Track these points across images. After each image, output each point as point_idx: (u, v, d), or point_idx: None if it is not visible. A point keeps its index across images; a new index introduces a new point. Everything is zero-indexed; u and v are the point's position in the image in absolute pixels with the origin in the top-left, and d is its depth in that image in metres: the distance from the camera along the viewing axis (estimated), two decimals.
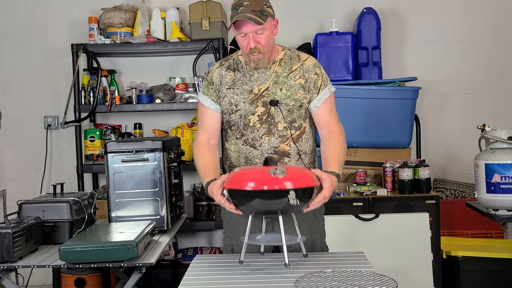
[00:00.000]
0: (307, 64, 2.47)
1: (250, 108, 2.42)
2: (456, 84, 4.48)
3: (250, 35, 2.33)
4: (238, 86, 2.45)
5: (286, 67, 2.46)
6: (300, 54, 2.52)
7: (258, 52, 2.36)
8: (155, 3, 4.42)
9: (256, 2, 2.33)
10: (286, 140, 2.43)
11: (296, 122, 2.44)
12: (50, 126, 4.48)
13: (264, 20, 2.32)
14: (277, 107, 2.40)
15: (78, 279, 3.87)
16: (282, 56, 2.48)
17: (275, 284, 2.01)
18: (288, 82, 2.43)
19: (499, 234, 4.10)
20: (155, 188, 3.03)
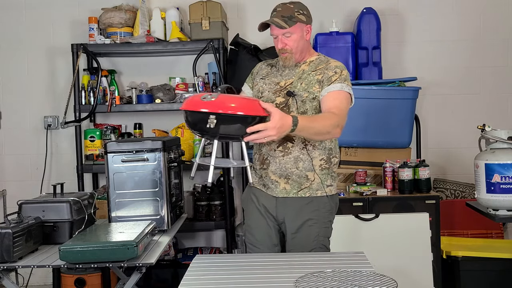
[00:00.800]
0: (331, 64, 2.65)
1: (272, 97, 2.65)
2: (456, 84, 4.48)
3: (279, 37, 2.62)
4: (269, 78, 2.72)
5: (313, 66, 2.67)
6: (331, 59, 2.70)
7: (286, 52, 2.62)
8: (155, 3, 4.42)
9: (288, 8, 2.61)
10: None
11: (308, 113, 2.60)
12: (50, 126, 4.48)
13: (290, 25, 2.58)
14: (293, 98, 2.60)
15: (78, 279, 3.88)
16: (314, 59, 2.70)
17: (275, 284, 2.01)
18: (309, 78, 2.63)
19: (499, 234, 4.10)
20: (155, 188, 3.03)
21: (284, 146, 2.60)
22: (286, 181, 2.63)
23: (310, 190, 2.64)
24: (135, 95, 4.26)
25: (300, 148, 2.60)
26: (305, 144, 2.60)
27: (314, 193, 2.64)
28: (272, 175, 2.65)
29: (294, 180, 2.62)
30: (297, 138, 2.58)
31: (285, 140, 2.59)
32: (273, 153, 2.62)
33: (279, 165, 2.62)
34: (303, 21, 2.62)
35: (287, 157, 2.60)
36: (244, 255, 2.60)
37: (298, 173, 2.61)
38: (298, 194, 2.63)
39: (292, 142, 2.60)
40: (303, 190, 2.63)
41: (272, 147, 2.62)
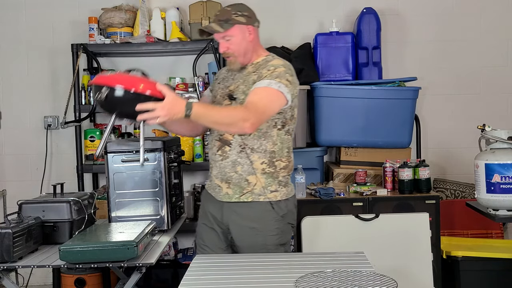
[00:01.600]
0: (270, 62, 2.59)
1: (220, 100, 2.68)
2: (456, 84, 4.48)
3: (220, 42, 2.61)
4: (223, 83, 2.73)
5: (256, 68, 2.61)
6: (276, 58, 2.63)
7: (229, 56, 2.62)
8: (155, 3, 4.42)
9: (225, 12, 2.60)
10: None
11: None
12: (50, 126, 4.48)
13: (226, 28, 2.56)
14: (235, 102, 2.60)
15: (78, 279, 3.87)
16: (260, 60, 2.64)
17: (275, 284, 2.01)
18: (249, 79, 2.59)
19: (499, 234, 4.10)
20: (155, 188, 3.03)
21: (222, 150, 2.60)
22: (228, 186, 2.61)
23: (253, 195, 2.58)
24: None
25: (237, 152, 2.57)
26: (243, 148, 2.57)
27: (257, 198, 2.58)
28: (215, 179, 2.66)
29: (235, 184, 2.59)
30: (234, 141, 2.57)
31: (222, 143, 2.60)
32: (214, 157, 2.64)
33: (219, 169, 2.62)
34: (242, 22, 2.58)
35: (225, 161, 2.59)
36: (244, 255, 2.60)
37: (237, 177, 2.58)
38: (240, 199, 2.59)
39: (229, 145, 2.58)
40: (245, 194, 2.59)
41: (213, 151, 2.64)
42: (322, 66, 4.16)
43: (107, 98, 2.24)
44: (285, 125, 2.61)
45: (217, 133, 2.62)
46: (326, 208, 3.67)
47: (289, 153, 2.66)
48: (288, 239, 2.71)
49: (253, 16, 2.64)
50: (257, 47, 2.66)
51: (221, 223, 2.67)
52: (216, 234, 2.70)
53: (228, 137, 2.58)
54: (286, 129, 2.62)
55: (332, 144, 4.12)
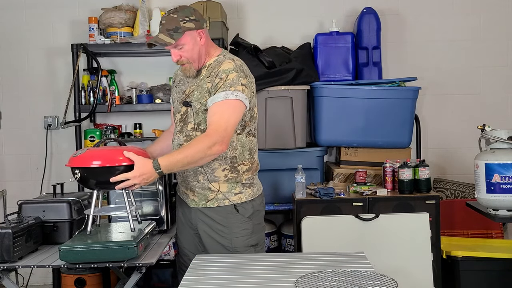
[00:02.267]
0: (220, 69, 2.52)
1: (178, 107, 2.65)
2: (456, 84, 4.48)
3: (172, 51, 2.54)
4: (179, 86, 2.69)
5: (209, 71, 2.56)
6: (226, 60, 2.56)
7: (183, 63, 2.56)
8: (155, 3, 4.42)
9: (172, 20, 2.50)
10: (190, 139, 2.57)
11: (202, 125, 2.54)
12: (50, 126, 4.48)
13: (177, 37, 2.48)
14: (190, 108, 2.57)
15: (78, 279, 3.87)
16: (212, 62, 2.59)
17: (275, 284, 2.01)
18: (203, 85, 2.55)
19: (499, 234, 4.10)
20: (154, 187, 3.03)
21: None
22: (193, 193, 2.64)
23: (217, 201, 2.60)
24: (135, 95, 4.27)
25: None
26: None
27: (222, 202, 2.60)
28: (181, 186, 2.70)
29: (199, 193, 2.62)
30: None
31: None
32: None
33: (182, 178, 2.66)
34: (191, 28, 2.51)
35: (187, 172, 2.60)
36: (244, 255, 2.60)
37: (200, 185, 2.60)
38: (206, 205, 2.62)
39: None
40: (211, 201, 2.60)
41: None
42: (322, 66, 4.16)
43: (82, 178, 2.44)
44: (245, 128, 2.59)
45: (177, 142, 2.61)
46: (326, 208, 3.66)
47: (252, 154, 2.64)
48: (260, 239, 2.69)
49: (200, 19, 2.56)
50: (208, 48, 2.61)
51: (193, 226, 2.71)
52: (193, 237, 2.73)
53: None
54: (247, 131, 2.60)
55: (332, 144, 4.12)
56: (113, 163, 2.45)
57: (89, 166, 2.43)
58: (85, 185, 2.52)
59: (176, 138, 2.63)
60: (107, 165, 2.43)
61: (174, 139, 2.65)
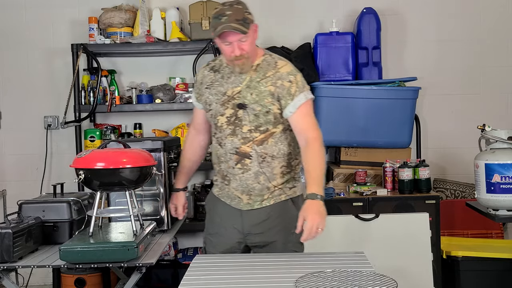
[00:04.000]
0: (281, 71, 2.48)
1: (220, 109, 2.52)
2: (456, 84, 4.48)
3: (235, 44, 2.39)
4: (214, 87, 2.56)
5: (261, 72, 2.49)
6: (278, 61, 2.52)
7: (242, 58, 2.42)
8: (155, 3, 4.42)
9: (238, 10, 2.38)
10: (248, 142, 2.48)
11: (262, 127, 2.49)
12: (50, 126, 4.48)
13: (248, 28, 2.38)
14: (245, 111, 2.48)
15: (78, 279, 3.87)
16: (260, 62, 2.52)
17: (275, 284, 2.01)
18: (259, 87, 2.47)
19: (499, 234, 4.10)
20: (155, 188, 3.03)
21: (242, 163, 2.49)
22: (249, 197, 2.54)
23: (274, 198, 2.55)
24: (135, 95, 4.27)
25: (258, 163, 2.49)
26: (264, 157, 2.49)
27: (278, 198, 2.55)
28: (234, 191, 2.56)
29: (256, 195, 2.54)
30: (254, 153, 2.48)
31: (241, 157, 2.49)
32: (232, 170, 2.52)
33: (240, 182, 2.52)
34: (252, 21, 2.42)
35: (247, 174, 2.50)
36: (244, 255, 2.60)
37: (260, 187, 2.52)
38: (262, 204, 2.55)
39: (249, 158, 2.48)
40: (267, 199, 2.55)
41: (230, 165, 2.51)
42: (322, 66, 4.16)
43: (86, 179, 2.47)
44: None
45: (231, 145, 2.50)
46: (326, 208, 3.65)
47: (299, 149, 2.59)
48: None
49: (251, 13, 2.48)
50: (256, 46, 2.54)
51: (240, 231, 2.59)
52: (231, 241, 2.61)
53: (247, 149, 2.47)
54: None
55: (332, 144, 4.12)
56: (117, 165, 2.47)
57: (93, 168, 2.46)
58: (89, 186, 2.54)
59: (229, 142, 2.50)
60: (111, 167, 2.46)
61: (226, 143, 2.50)
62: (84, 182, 2.50)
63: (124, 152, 2.57)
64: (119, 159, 2.49)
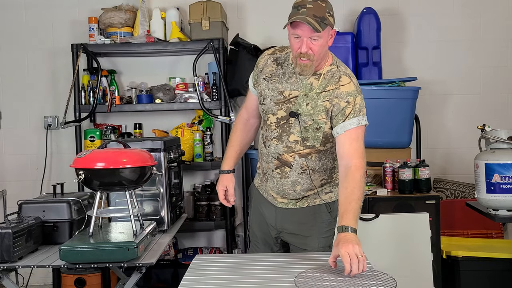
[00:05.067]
0: (341, 90, 2.34)
1: (274, 107, 2.41)
2: (456, 84, 4.48)
3: (304, 39, 2.24)
4: (273, 82, 2.43)
5: (323, 84, 2.36)
6: (343, 77, 2.37)
7: (307, 59, 2.27)
8: (155, 3, 4.42)
9: (320, 7, 2.23)
10: (291, 152, 2.41)
11: (309, 142, 2.39)
12: (50, 126, 4.48)
13: (323, 28, 2.22)
14: (296, 120, 2.36)
15: (78, 279, 3.87)
16: (325, 71, 2.37)
17: (275, 284, 2.01)
18: (317, 100, 2.35)
19: (499, 234, 4.10)
20: (155, 188, 3.03)
21: (281, 169, 2.44)
22: (283, 199, 2.54)
23: (308, 200, 2.53)
24: (135, 95, 4.27)
25: (298, 173, 2.43)
26: (304, 169, 2.43)
27: (313, 202, 2.53)
28: (270, 190, 2.55)
29: (291, 199, 2.53)
30: (295, 163, 2.41)
31: (282, 163, 2.44)
32: (271, 172, 2.48)
33: (276, 184, 2.49)
34: (331, 24, 2.27)
35: (284, 180, 2.46)
36: (244, 255, 2.60)
37: (295, 194, 2.49)
38: (296, 205, 2.54)
39: (290, 167, 2.42)
40: (301, 201, 2.53)
41: (270, 167, 2.47)
42: None
43: (86, 179, 2.50)
44: None
45: (275, 150, 2.42)
46: None
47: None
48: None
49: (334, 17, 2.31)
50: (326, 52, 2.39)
51: (274, 227, 2.59)
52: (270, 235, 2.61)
53: (289, 159, 2.41)
54: None
55: None
56: (117, 165, 2.48)
57: (93, 168, 2.47)
58: (89, 186, 2.55)
59: (273, 145, 2.43)
60: (111, 167, 2.47)
61: (271, 146, 2.43)
62: (84, 182, 2.50)
63: (124, 152, 2.57)
64: (119, 159, 2.49)
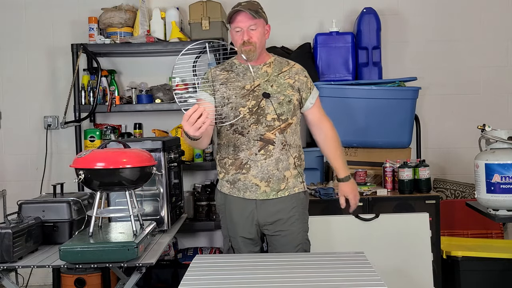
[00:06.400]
0: (296, 67, 2.79)
1: (241, 101, 2.67)
2: (456, 84, 4.48)
3: (244, 30, 2.64)
4: (231, 83, 2.72)
5: (276, 68, 2.75)
6: (289, 60, 2.83)
7: (250, 45, 2.65)
8: (155, 3, 4.42)
9: (253, 4, 2.69)
10: (272, 129, 2.67)
11: (284, 115, 2.68)
12: (50, 126, 4.48)
13: (258, 17, 2.64)
14: (268, 100, 2.66)
15: (78, 279, 3.88)
16: (272, 60, 2.78)
17: (275, 284, 2.01)
18: (278, 80, 2.72)
19: (499, 234, 4.10)
20: (155, 188, 3.03)
21: (265, 149, 2.65)
22: (267, 184, 2.67)
23: (288, 189, 2.71)
24: (135, 95, 4.27)
25: (280, 149, 2.67)
26: (284, 145, 2.68)
27: (292, 190, 2.72)
28: (253, 179, 2.68)
29: (274, 182, 2.68)
30: (277, 139, 2.67)
31: (265, 143, 2.65)
32: (254, 157, 2.66)
33: (260, 169, 2.66)
34: (265, 18, 2.71)
35: (268, 160, 2.66)
36: (244, 255, 2.60)
37: (278, 174, 2.68)
38: (278, 195, 2.69)
39: (273, 144, 2.66)
40: (282, 191, 2.70)
41: (253, 151, 2.66)
42: (322, 66, 4.16)
43: (86, 179, 2.50)
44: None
45: (255, 133, 2.66)
46: (326, 208, 3.66)
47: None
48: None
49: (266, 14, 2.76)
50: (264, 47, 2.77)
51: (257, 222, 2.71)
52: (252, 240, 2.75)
53: (271, 136, 2.66)
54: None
55: None
56: (117, 165, 2.49)
57: (93, 168, 2.47)
58: (89, 186, 2.55)
59: (253, 130, 2.66)
60: (111, 167, 2.47)
61: (250, 131, 2.66)
62: (84, 182, 2.50)
63: (124, 152, 2.57)
64: (119, 159, 2.49)
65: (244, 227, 2.73)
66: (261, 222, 2.72)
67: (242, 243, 2.74)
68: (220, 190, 2.81)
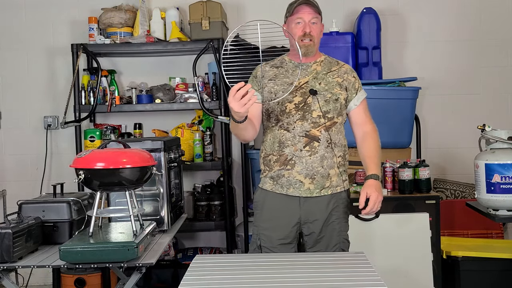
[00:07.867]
0: (345, 67, 2.78)
1: (289, 97, 2.65)
2: (456, 84, 4.48)
3: (306, 22, 2.66)
4: (279, 79, 2.71)
5: (326, 67, 2.74)
6: (338, 60, 2.83)
7: (310, 39, 2.66)
8: (155, 3, 4.42)
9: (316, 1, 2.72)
10: (317, 126, 2.64)
11: (330, 114, 2.66)
12: (50, 126, 4.48)
13: (320, 14, 2.69)
14: (315, 97, 2.65)
15: (78, 279, 3.88)
16: (323, 59, 2.78)
17: (275, 284, 2.01)
18: (327, 79, 2.70)
19: (499, 234, 4.10)
20: (155, 188, 3.03)
21: (310, 146, 2.62)
22: (311, 181, 2.63)
23: (331, 188, 2.67)
24: (135, 95, 4.27)
25: (325, 147, 2.63)
26: (329, 143, 2.64)
27: (335, 189, 2.69)
28: (297, 175, 2.63)
29: (318, 180, 2.63)
30: (322, 137, 2.63)
31: (310, 139, 2.62)
32: (299, 153, 2.62)
33: (305, 165, 2.62)
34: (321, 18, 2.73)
35: (313, 156, 2.62)
36: (244, 255, 2.60)
37: (322, 171, 2.63)
38: (321, 193, 2.66)
39: (318, 141, 2.62)
40: (325, 189, 2.66)
41: (298, 147, 2.62)
42: None
43: (86, 179, 2.50)
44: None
45: (301, 129, 2.63)
46: None
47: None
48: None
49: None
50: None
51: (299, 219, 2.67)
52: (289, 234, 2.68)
53: (316, 133, 2.63)
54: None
55: None
56: (117, 165, 2.49)
57: (93, 168, 2.47)
58: (89, 186, 2.55)
59: (298, 126, 2.63)
60: (111, 167, 2.47)
61: (296, 127, 2.63)
62: (84, 182, 2.50)
63: (124, 152, 2.57)
64: (119, 159, 2.49)
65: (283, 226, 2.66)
66: (303, 220, 2.66)
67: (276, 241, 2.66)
68: (261, 187, 2.74)
